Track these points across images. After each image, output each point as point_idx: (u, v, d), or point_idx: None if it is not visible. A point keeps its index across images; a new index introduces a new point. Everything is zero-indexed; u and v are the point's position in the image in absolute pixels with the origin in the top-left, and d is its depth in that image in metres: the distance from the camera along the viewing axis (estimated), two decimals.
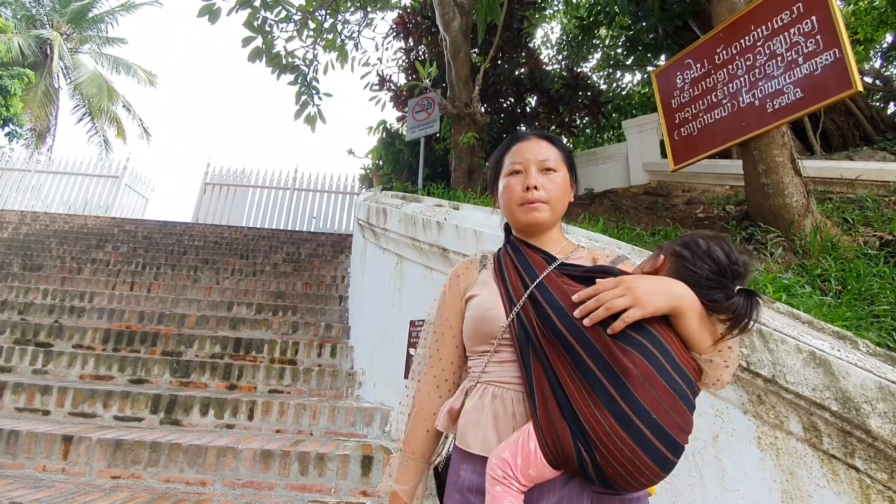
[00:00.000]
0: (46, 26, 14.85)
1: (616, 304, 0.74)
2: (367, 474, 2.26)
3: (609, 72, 9.82)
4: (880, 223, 3.43)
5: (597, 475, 0.72)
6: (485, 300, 0.94)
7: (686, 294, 0.77)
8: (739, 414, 1.44)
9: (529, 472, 0.76)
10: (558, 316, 0.80)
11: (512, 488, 0.77)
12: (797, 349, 1.35)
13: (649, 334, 0.75)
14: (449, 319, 1.02)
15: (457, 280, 1.04)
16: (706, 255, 0.79)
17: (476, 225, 2.47)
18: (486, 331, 0.90)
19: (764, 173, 3.40)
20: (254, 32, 6.21)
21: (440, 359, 1.01)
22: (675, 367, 0.74)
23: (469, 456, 0.88)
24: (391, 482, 0.97)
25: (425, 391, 1.00)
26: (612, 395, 0.72)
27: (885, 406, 1.23)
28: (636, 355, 0.73)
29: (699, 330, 0.77)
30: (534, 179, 0.96)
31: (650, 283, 0.77)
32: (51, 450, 2.30)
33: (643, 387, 0.71)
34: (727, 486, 1.41)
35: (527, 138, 1.03)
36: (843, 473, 1.27)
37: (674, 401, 0.72)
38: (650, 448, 0.70)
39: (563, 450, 0.74)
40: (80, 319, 4.22)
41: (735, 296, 0.76)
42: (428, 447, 0.99)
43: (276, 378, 3.43)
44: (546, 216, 0.97)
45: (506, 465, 0.78)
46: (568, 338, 0.77)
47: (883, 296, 2.40)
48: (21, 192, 10.42)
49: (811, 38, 2.97)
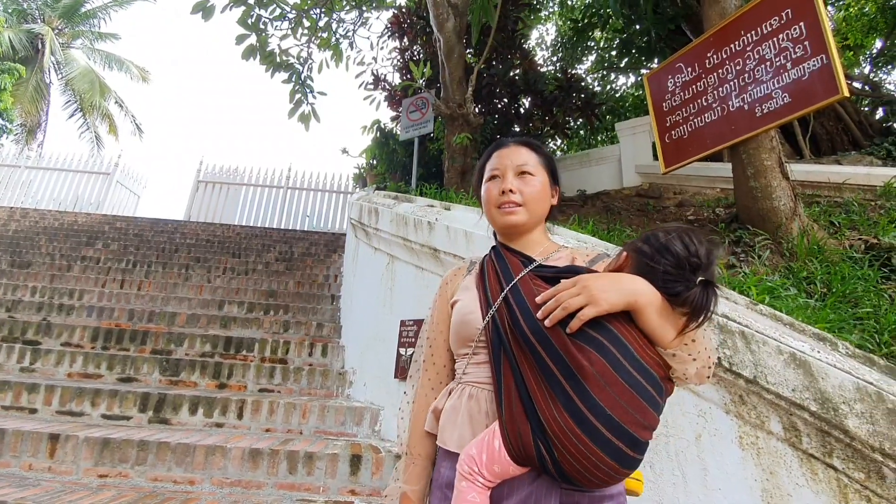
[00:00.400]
0: (38, 21, 14.69)
1: (572, 303, 0.76)
2: (355, 473, 2.26)
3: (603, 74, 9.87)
4: (866, 227, 3.48)
5: (556, 471, 0.74)
6: (465, 305, 0.97)
7: (642, 289, 0.77)
8: (722, 414, 1.46)
9: (494, 468, 0.79)
10: (525, 318, 0.82)
11: (476, 484, 0.80)
12: (778, 350, 1.37)
13: (608, 332, 0.75)
14: (439, 325, 1.06)
15: (445, 287, 1.09)
16: (664, 248, 0.78)
17: (467, 226, 2.49)
18: (465, 334, 0.94)
19: (753, 177, 3.44)
20: (248, 30, 6.18)
21: (434, 363, 1.05)
22: (634, 363, 0.74)
23: (448, 453, 0.90)
24: (400, 484, 0.98)
25: (422, 395, 1.04)
26: (568, 394, 0.73)
27: (862, 406, 1.25)
28: (593, 353, 0.74)
29: (660, 324, 0.76)
30: (509, 183, 0.99)
31: (605, 281, 0.78)
32: (37, 448, 2.28)
33: (599, 384, 0.72)
34: (709, 484, 1.43)
35: (507, 145, 1.06)
36: (822, 472, 1.29)
37: (631, 397, 0.73)
38: (606, 444, 0.71)
39: (525, 447, 0.76)
40: (68, 317, 4.19)
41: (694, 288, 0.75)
42: (431, 447, 1.00)
43: (266, 377, 3.43)
44: (522, 218, 0.99)
45: (472, 461, 0.80)
46: (531, 339, 0.79)
47: (867, 298, 2.44)
48: (10, 189, 10.30)
49: (799, 43, 3.01)
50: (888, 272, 2.81)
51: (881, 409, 1.24)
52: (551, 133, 7.82)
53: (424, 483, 0.98)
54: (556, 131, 7.56)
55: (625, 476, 0.76)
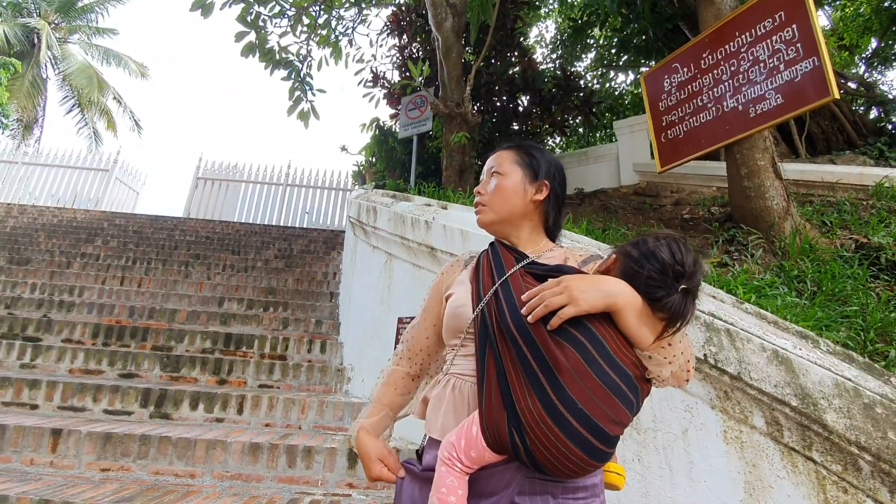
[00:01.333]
0: (33, 15, 14.62)
1: (553, 301, 0.80)
2: (353, 467, 2.31)
3: (602, 72, 9.90)
4: (857, 226, 3.53)
5: (528, 459, 0.78)
6: (457, 298, 1.01)
7: (622, 291, 0.80)
8: (707, 409, 1.51)
9: (471, 453, 0.83)
10: (510, 312, 0.86)
11: (455, 468, 0.84)
12: (761, 348, 1.42)
13: (587, 330, 0.79)
14: (431, 310, 1.12)
15: (442, 278, 1.14)
16: (651, 254, 0.81)
17: (463, 225, 2.53)
18: (455, 326, 0.99)
19: (746, 176, 3.48)
20: (247, 27, 6.19)
21: (415, 341, 1.14)
22: (609, 361, 0.78)
23: (433, 441, 0.96)
24: (360, 421, 1.08)
25: (395, 361, 1.15)
26: (543, 386, 0.77)
27: (840, 402, 1.30)
28: (569, 349, 0.78)
29: (638, 327, 0.79)
30: (481, 186, 1.08)
31: (587, 282, 0.81)
32: (39, 443, 2.32)
33: (573, 379, 0.76)
34: (695, 477, 1.49)
35: (495, 151, 1.13)
36: (802, 465, 1.34)
37: (604, 393, 0.76)
38: (575, 436, 0.75)
39: (500, 434, 0.80)
40: (69, 314, 4.22)
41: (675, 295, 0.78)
42: (393, 400, 1.11)
43: (265, 373, 3.47)
44: (487, 217, 1.06)
45: (451, 447, 0.85)
46: (514, 332, 0.83)
47: (855, 297, 2.49)
48: (8, 185, 10.29)
49: (792, 45, 3.05)
50: (877, 271, 2.87)
51: (858, 404, 1.29)
52: (550, 131, 7.85)
53: (384, 424, 1.08)
54: (555, 129, 7.60)
55: (594, 468, 0.79)
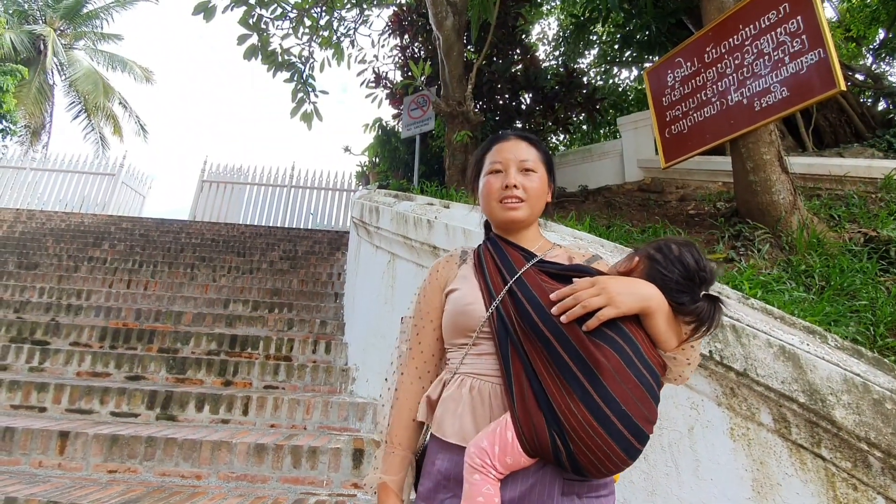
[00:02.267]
0: (39, 21, 14.77)
1: (592, 302, 0.79)
2: (358, 467, 2.31)
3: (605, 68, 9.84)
4: (866, 220, 3.48)
5: (569, 462, 0.76)
6: (464, 294, 0.97)
7: (655, 295, 0.82)
8: (713, 406, 1.49)
9: (506, 460, 0.80)
10: (536, 312, 0.84)
11: (489, 476, 0.81)
12: (768, 343, 1.40)
13: (621, 331, 0.79)
14: (429, 314, 1.04)
15: (436, 275, 1.07)
16: (678, 260, 0.84)
17: (465, 223, 2.52)
18: (465, 324, 0.94)
19: (752, 171, 3.44)
20: (249, 30, 6.21)
21: (421, 351, 1.04)
22: (643, 361, 0.79)
23: (445, 445, 0.90)
24: (379, 474, 0.97)
25: (408, 382, 1.02)
26: (585, 387, 0.76)
27: (849, 398, 1.28)
28: (608, 350, 0.77)
29: (666, 329, 0.82)
30: (513, 178, 0.99)
31: (623, 284, 0.82)
32: (47, 445, 2.34)
33: (614, 379, 0.76)
34: (701, 475, 1.47)
35: (507, 138, 1.06)
36: (811, 462, 1.32)
37: (641, 393, 0.77)
38: (619, 437, 0.75)
39: (539, 439, 0.78)
40: (76, 317, 4.25)
41: (700, 300, 0.81)
42: (413, 437, 1.00)
43: (270, 374, 3.48)
44: (524, 214, 1.00)
45: (484, 453, 0.81)
46: (545, 333, 0.81)
47: (864, 291, 2.45)
48: (16, 190, 10.41)
49: (797, 37, 3.01)
50: (886, 265, 2.82)
51: (867, 400, 1.26)
52: (553, 129, 7.82)
53: (404, 473, 0.98)
54: (558, 127, 7.56)
55: (627, 467, 0.79)
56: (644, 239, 3.31)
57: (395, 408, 1.02)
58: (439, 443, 0.92)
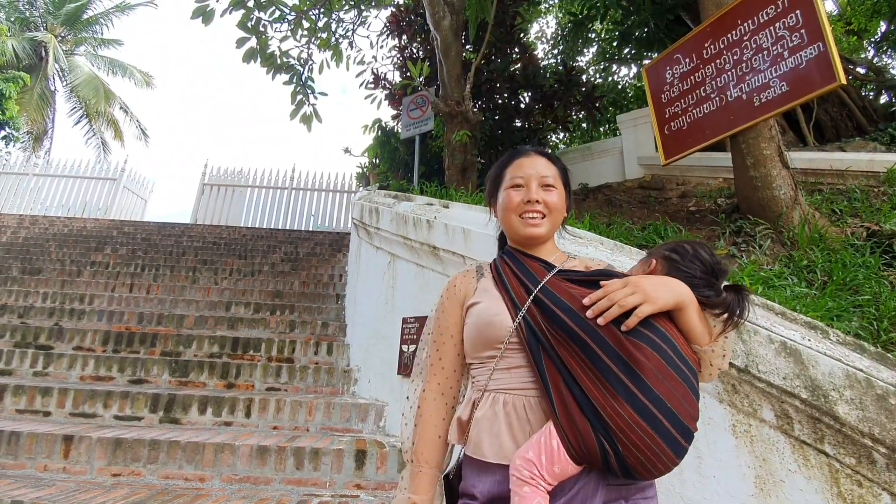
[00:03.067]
0: (40, 28, 14.84)
1: (628, 301, 0.79)
2: (360, 468, 2.31)
3: (604, 66, 9.82)
4: (868, 214, 3.46)
5: (619, 465, 0.75)
6: (488, 306, 0.96)
7: (685, 290, 0.84)
8: (715, 403, 1.48)
9: (554, 469, 0.78)
10: (569, 316, 0.84)
11: (539, 488, 0.78)
12: (769, 339, 1.39)
13: (656, 329, 0.80)
14: (449, 329, 1.03)
15: (454, 290, 1.06)
16: (694, 256, 0.87)
17: (465, 223, 2.51)
18: (493, 336, 0.92)
19: (752, 166, 3.43)
20: (248, 33, 6.22)
21: (443, 367, 1.02)
22: (682, 358, 0.80)
23: (485, 466, 0.88)
24: (408, 494, 0.95)
25: (430, 398, 1.01)
26: (629, 388, 0.75)
27: (851, 393, 1.27)
28: (647, 349, 0.77)
29: (699, 324, 0.83)
30: (535, 194, 1.00)
31: (655, 281, 0.84)
32: (52, 449, 2.35)
33: (657, 378, 0.76)
34: (704, 472, 1.46)
35: (527, 154, 1.07)
36: (814, 458, 1.32)
37: (684, 390, 0.78)
38: (667, 436, 0.75)
39: (586, 444, 0.76)
40: (80, 322, 4.27)
41: (723, 292, 0.83)
42: (439, 455, 0.98)
43: (273, 376, 3.48)
44: (545, 230, 1.01)
45: (531, 465, 0.79)
46: (582, 336, 0.81)
47: (867, 286, 2.43)
48: (19, 196, 10.46)
49: (796, 32, 2.99)
50: (890, 259, 2.80)
51: (870, 395, 1.25)
52: (553, 127, 7.81)
53: (433, 493, 0.96)
54: (558, 125, 7.55)
55: (675, 466, 0.79)
56: (645, 236, 3.30)
57: (419, 426, 1.00)
58: (478, 464, 0.90)
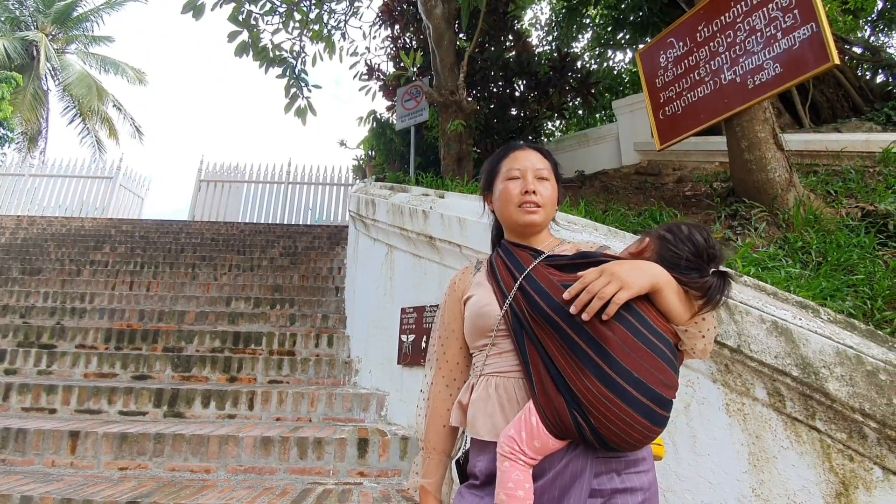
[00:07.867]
0: (31, 28, 14.68)
1: (606, 291, 0.82)
2: (363, 456, 2.35)
3: (599, 51, 9.74)
4: (863, 194, 3.47)
5: (594, 437, 0.80)
6: (480, 298, 1.02)
7: (660, 272, 0.86)
8: (709, 383, 1.51)
9: (534, 443, 0.83)
10: (545, 301, 0.89)
11: (519, 462, 0.84)
12: (760, 319, 1.41)
13: (626, 306, 0.83)
14: (451, 324, 1.11)
15: (454, 287, 1.14)
16: (687, 238, 0.89)
17: (460, 212, 2.52)
18: (484, 325, 0.99)
19: (747, 149, 3.43)
20: (239, 27, 6.15)
21: (447, 360, 1.11)
22: (652, 330, 0.83)
23: (482, 445, 0.95)
24: (418, 478, 1.06)
25: (436, 391, 1.10)
26: (597, 364, 0.80)
27: (842, 370, 1.29)
28: (614, 324, 0.81)
29: (677, 304, 0.85)
30: (532, 185, 1.05)
31: (629, 266, 0.86)
32: (59, 445, 2.38)
33: (622, 351, 0.80)
34: (699, 451, 1.49)
35: (521, 148, 1.13)
36: (806, 435, 1.34)
37: (653, 359, 0.80)
38: (637, 404, 0.78)
39: (562, 419, 0.81)
40: (81, 320, 4.30)
41: (709, 276, 0.85)
42: (446, 442, 1.08)
43: (275, 369, 3.52)
44: (541, 218, 1.06)
45: (512, 441, 0.85)
46: (556, 319, 0.86)
47: (862, 265, 2.45)
48: (16, 197, 10.43)
49: (789, 12, 2.98)
50: (885, 238, 2.82)
51: (861, 372, 1.28)
52: (548, 115, 7.76)
53: (440, 475, 1.06)
54: (553, 113, 7.51)
55: (657, 434, 0.82)
56: (640, 222, 3.31)
57: (428, 416, 1.10)
58: (479, 444, 0.97)
